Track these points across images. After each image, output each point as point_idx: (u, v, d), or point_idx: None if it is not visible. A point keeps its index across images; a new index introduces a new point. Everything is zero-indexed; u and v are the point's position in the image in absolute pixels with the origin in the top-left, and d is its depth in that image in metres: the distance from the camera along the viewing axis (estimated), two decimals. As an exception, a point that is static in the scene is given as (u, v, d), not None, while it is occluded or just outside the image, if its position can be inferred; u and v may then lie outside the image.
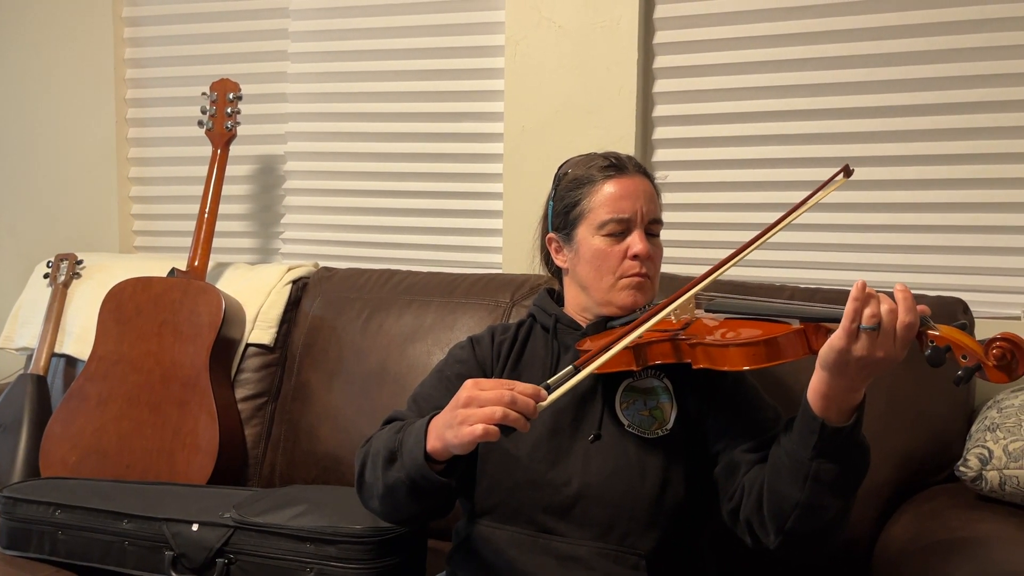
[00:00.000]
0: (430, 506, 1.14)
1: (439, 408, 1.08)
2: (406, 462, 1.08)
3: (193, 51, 2.30)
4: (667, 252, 1.32)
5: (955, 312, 1.48)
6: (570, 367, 1.03)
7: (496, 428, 0.97)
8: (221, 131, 2.03)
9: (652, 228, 1.26)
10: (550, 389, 1.01)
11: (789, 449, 1.02)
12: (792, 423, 1.03)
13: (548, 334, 1.29)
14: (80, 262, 2.11)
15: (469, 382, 1.02)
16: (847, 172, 1.20)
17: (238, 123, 2.04)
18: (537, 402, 0.99)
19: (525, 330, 1.33)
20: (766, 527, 1.06)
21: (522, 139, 1.95)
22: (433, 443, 1.06)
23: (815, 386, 0.98)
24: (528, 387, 0.99)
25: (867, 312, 0.92)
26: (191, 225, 1.99)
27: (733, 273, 1.31)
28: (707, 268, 1.13)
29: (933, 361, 0.91)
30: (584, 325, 1.28)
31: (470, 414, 0.99)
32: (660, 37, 1.88)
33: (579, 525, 1.16)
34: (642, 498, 1.15)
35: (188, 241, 1.98)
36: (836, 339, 0.93)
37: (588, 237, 1.25)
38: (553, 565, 1.15)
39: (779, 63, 1.81)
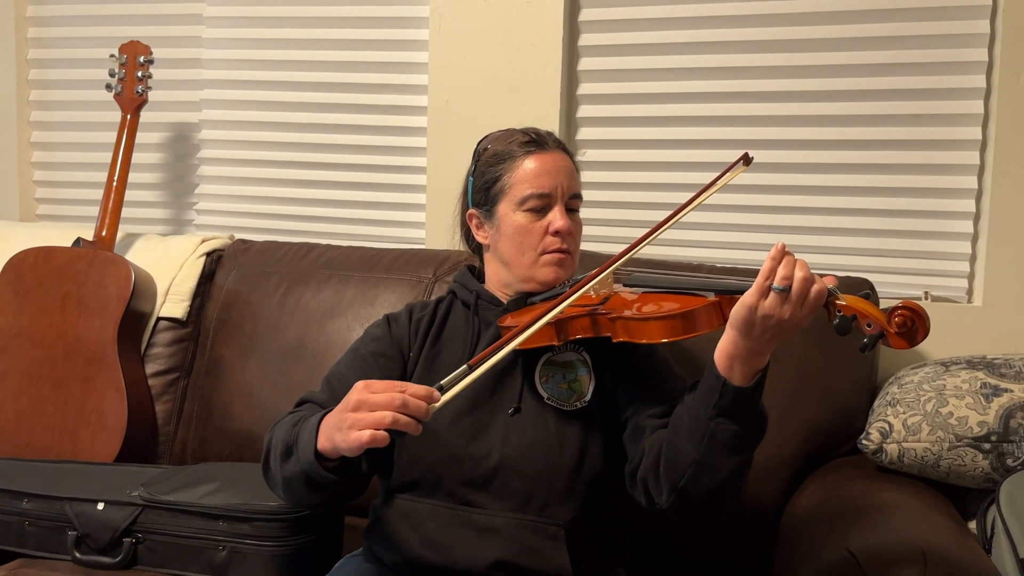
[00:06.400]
0: (333, 495, 1.13)
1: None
2: (301, 458, 1.08)
3: (101, 10, 2.19)
4: (587, 230, 1.33)
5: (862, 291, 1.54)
6: (464, 367, 1.02)
7: (385, 433, 0.96)
8: (131, 96, 1.94)
9: (572, 204, 1.27)
10: (443, 390, 1.00)
11: (691, 407, 1.05)
12: (697, 384, 1.06)
13: (469, 311, 1.29)
14: (-24, 230, 2.00)
15: (360, 384, 1.01)
16: (746, 160, 1.23)
17: (149, 88, 1.96)
18: (430, 404, 0.98)
19: (445, 307, 1.32)
20: (660, 485, 1.09)
21: (446, 113, 1.93)
22: (323, 443, 1.05)
23: (722, 346, 1.01)
24: (421, 389, 0.98)
25: (781, 272, 0.95)
26: (98, 193, 1.90)
27: (652, 252, 1.34)
28: (626, 246, 1.14)
29: (840, 330, 0.95)
30: (505, 301, 1.28)
31: (359, 419, 0.98)
32: (586, 15, 1.89)
33: (498, 497, 1.17)
34: (561, 469, 1.17)
35: (95, 210, 1.89)
36: (748, 295, 0.96)
37: (509, 213, 1.25)
38: (472, 537, 1.15)
39: (702, 45, 1.83)
